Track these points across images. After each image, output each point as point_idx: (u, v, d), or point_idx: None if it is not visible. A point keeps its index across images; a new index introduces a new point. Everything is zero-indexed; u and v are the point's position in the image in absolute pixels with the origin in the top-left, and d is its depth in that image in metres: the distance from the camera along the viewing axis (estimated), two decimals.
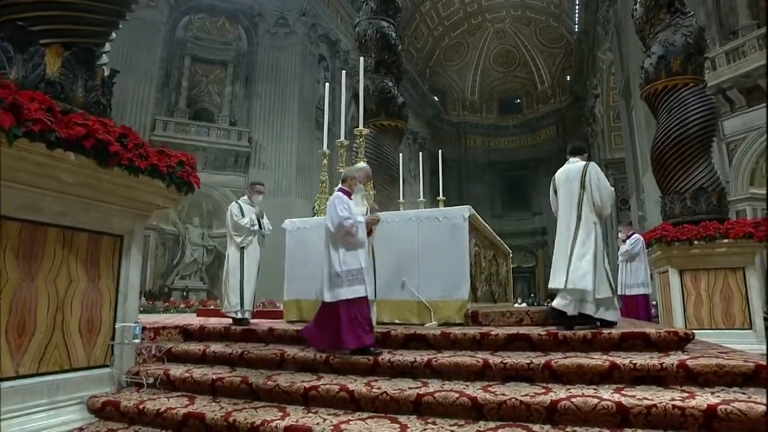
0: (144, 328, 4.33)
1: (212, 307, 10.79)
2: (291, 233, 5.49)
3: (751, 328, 7.56)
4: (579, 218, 4.36)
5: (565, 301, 4.12)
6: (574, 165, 4.63)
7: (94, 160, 3.45)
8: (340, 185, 4.25)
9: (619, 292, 7.79)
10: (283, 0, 23.01)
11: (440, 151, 9.47)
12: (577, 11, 27.93)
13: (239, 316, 5.21)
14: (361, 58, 6.35)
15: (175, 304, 13.19)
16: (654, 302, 8.73)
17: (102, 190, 3.66)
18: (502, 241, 7.73)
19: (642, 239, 7.74)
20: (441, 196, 8.50)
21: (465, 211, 4.61)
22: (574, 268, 4.18)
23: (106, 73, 4.15)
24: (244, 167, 22.01)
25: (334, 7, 25.81)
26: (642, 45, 9.66)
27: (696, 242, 7.76)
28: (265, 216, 5.71)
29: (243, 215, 5.39)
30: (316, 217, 5.53)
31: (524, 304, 21.13)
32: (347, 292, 3.79)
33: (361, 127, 5.70)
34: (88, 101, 3.81)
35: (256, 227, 5.40)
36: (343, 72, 6.07)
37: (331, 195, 5.67)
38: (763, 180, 16.10)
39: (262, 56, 23.01)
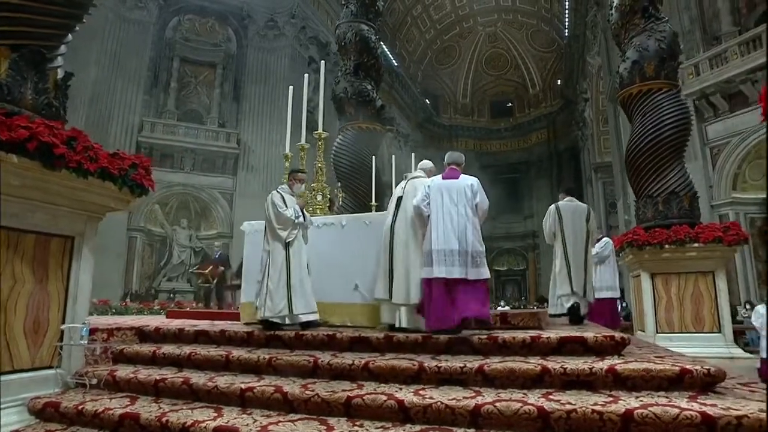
0: (97, 330, 4.34)
1: (188, 309, 10.77)
2: (249, 235, 5.45)
3: (720, 332, 7.61)
4: (588, 245, 6.10)
5: (584, 305, 5.81)
6: (577, 204, 6.33)
7: (39, 163, 3.46)
8: (458, 169, 4.42)
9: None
10: (273, 2, 23.05)
11: (413, 154, 9.47)
12: (567, 15, 28.06)
13: (288, 321, 4.48)
14: (322, 62, 6.36)
15: (149, 305, 13.14)
16: (624, 304, 8.77)
17: (50, 191, 3.67)
18: None
19: (611, 243, 7.78)
20: None
21: None
22: (592, 281, 6.24)
23: (60, 75, 4.16)
24: (233, 169, 22.02)
25: (324, 9, 25.87)
26: (618, 49, 9.73)
27: (667, 246, 7.80)
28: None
29: (286, 206, 4.69)
30: None
31: (507, 307, 21.13)
32: (486, 272, 4.09)
33: (320, 129, 5.70)
34: (38, 104, 3.82)
35: (301, 219, 4.71)
36: (306, 75, 6.05)
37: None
38: (745, 185, 16.21)
39: (251, 58, 23.05)
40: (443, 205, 4.16)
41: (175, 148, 21.15)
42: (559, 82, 34.14)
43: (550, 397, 2.71)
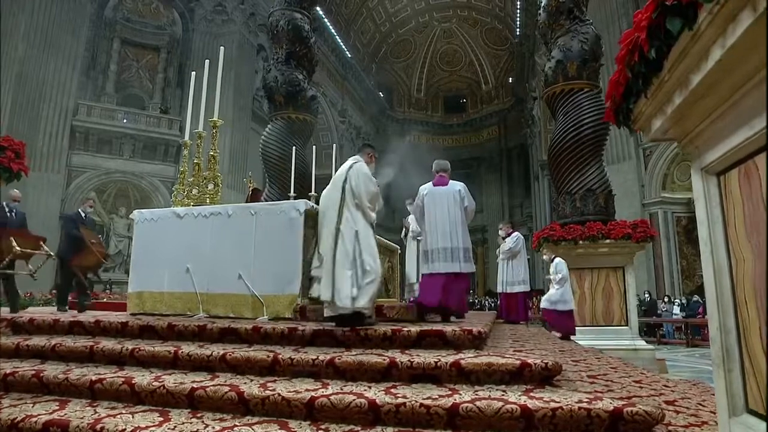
0: None
1: (106, 300, 10.39)
2: (139, 225, 5.26)
3: (627, 325, 7.91)
4: None
5: None
6: None
7: None
8: (446, 176, 5.22)
9: (499, 290, 8.01)
10: None
11: (334, 145, 9.42)
12: (518, 15, 28.51)
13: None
14: (222, 48, 6.22)
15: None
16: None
17: None
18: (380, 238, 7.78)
19: (522, 238, 7.95)
20: None
21: (300, 204, 4.53)
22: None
23: None
24: (175, 157, 21.40)
25: None
26: (545, 48, 9.94)
27: (581, 242, 8.04)
28: None
29: None
30: (172, 208, 5.33)
31: None
32: (473, 266, 5.02)
33: (215, 117, 5.57)
34: None
35: None
36: (207, 61, 5.90)
37: (182, 185, 5.56)
38: (674, 185, 16.94)
39: (197, 43, 22.41)
40: (437, 210, 4.97)
41: (114, 134, 20.38)
42: (510, 79, 34.69)
43: (392, 390, 2.71)
